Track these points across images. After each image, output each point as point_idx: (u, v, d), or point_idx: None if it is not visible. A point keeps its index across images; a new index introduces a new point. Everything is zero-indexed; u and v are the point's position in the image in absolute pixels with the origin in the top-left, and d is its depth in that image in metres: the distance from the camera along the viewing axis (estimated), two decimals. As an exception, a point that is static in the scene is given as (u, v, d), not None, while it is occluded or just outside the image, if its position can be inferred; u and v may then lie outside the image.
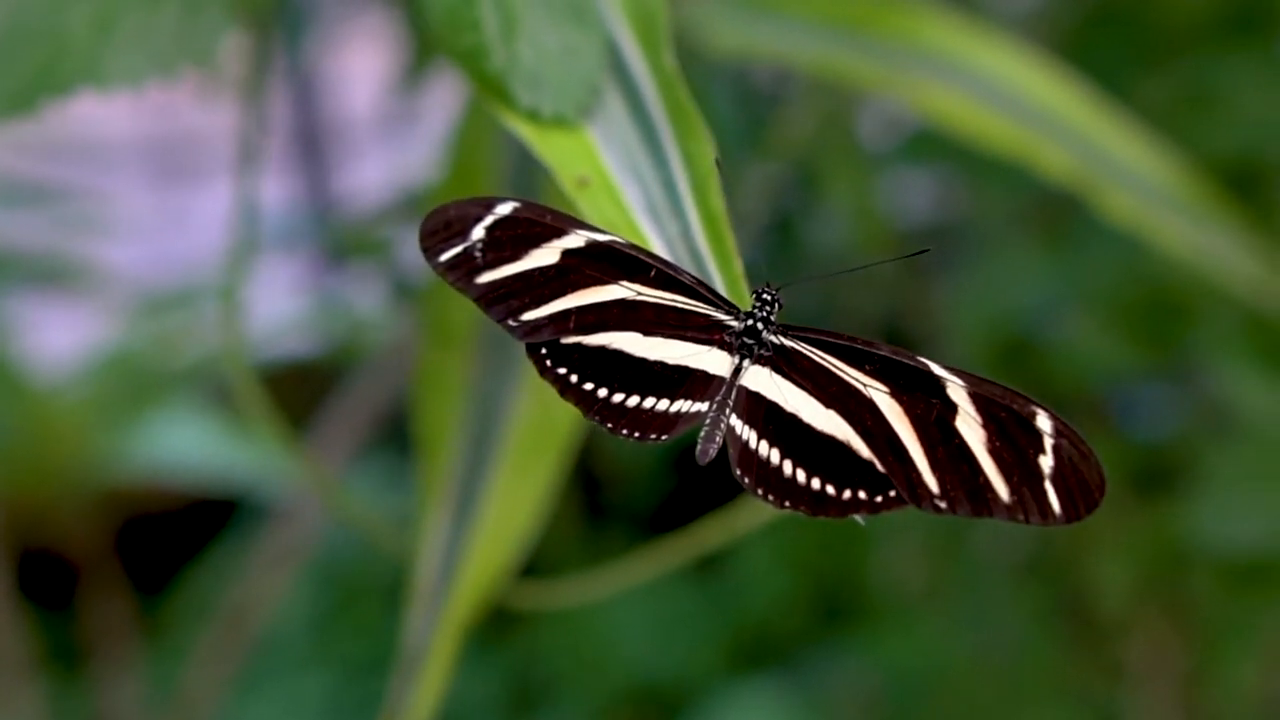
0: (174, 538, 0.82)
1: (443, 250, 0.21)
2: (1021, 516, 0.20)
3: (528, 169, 0.31)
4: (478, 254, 0.21)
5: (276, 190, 0.88)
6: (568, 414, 0.30)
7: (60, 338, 0.73)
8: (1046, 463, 0.20)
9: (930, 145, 0.50)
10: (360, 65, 0.79)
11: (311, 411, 0.66)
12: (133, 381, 0.68)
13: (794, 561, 0.81)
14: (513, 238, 0.21)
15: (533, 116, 0.23)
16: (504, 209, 0.21)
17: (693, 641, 0.81)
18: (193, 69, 0.25)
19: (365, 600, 0.84)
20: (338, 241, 0.70)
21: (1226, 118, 0.45)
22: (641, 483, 0.86)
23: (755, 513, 0.36)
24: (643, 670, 0.80)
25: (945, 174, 0.62)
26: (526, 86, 0.23)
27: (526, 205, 0.21)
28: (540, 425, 0.30)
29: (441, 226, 0.21)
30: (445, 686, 0.28)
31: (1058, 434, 0.20)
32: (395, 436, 0.70)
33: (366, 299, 0.76)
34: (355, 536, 0.79)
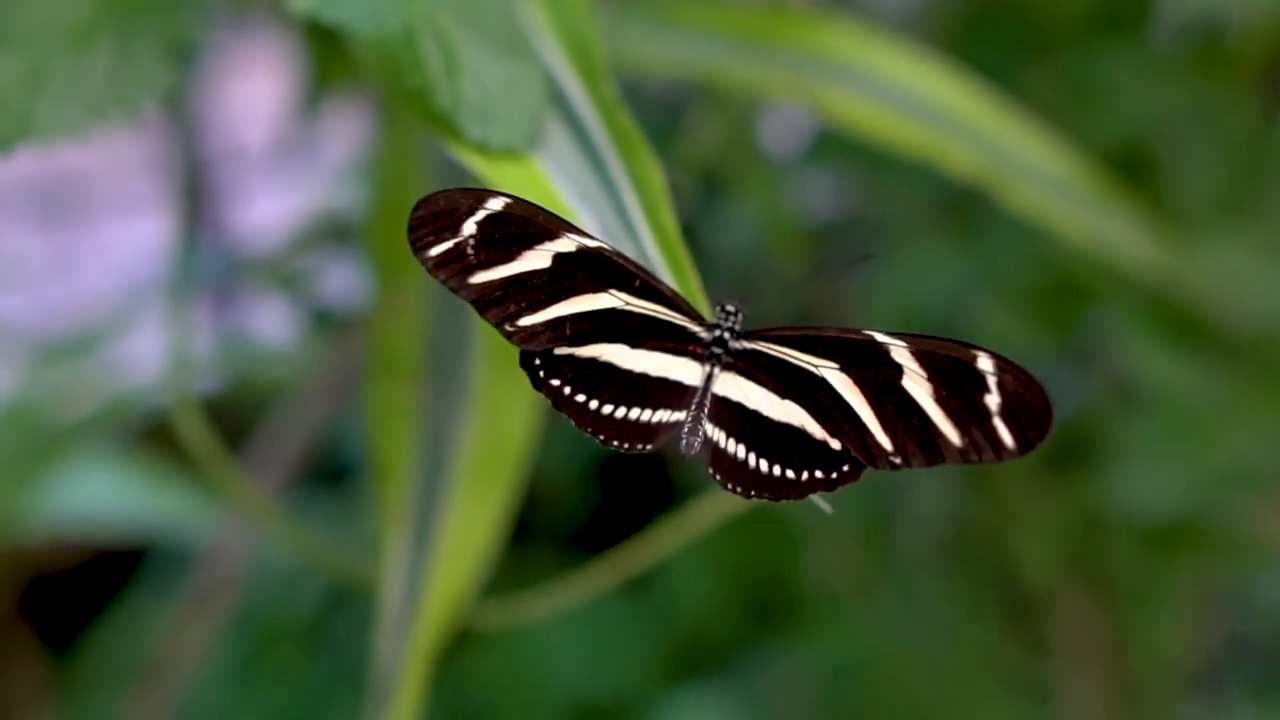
0: (82, 593, 0.81)
1: (433, 244, 0.22)
2: (975, 456, 0.22)
3: (459, 184, 0.32)
4: (470, 251, 0.22)
5: (160, 225, 0.87)
6: (519, 433, 0.32)
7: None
8: (993, 400, 0.22)
9: (835, 148, 0.52)
10: (246, 95, 0.79)
11: (223, 447, 0.66)
12: (31, 436, 0.67)
13: (722, 567, 0.83)
14: (506, 236, 0.22)
15: (482, 149, 0.24)
16: (496, 204, 0.22)
17: (629, 655, 0.82)
18: (129, 114, 0.26)
19: (284, 644, 0.83)
20: (241, 275, 0.70)
21: (1111, 108, 0.48)
22: (568, 498, 0.87)
23: (687, 523, 0.38)
24: (581, 688, 0.81)
25: (844, 172, 0.65)
26: (474, 121, 0.24)
27: (518, 202, 0.22)
28: (492, 447, 0.32)
29: (431, 218, 0.22)
30: (418, 710, 0.30)
31: (1000, 370, 0.22)
32: (317, 469, 0.71)
33: (270, 333, 0.76)
34: (274, 577, 0.79)
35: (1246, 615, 0.77)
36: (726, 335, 0.23)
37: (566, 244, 0.22)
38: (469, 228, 0.22)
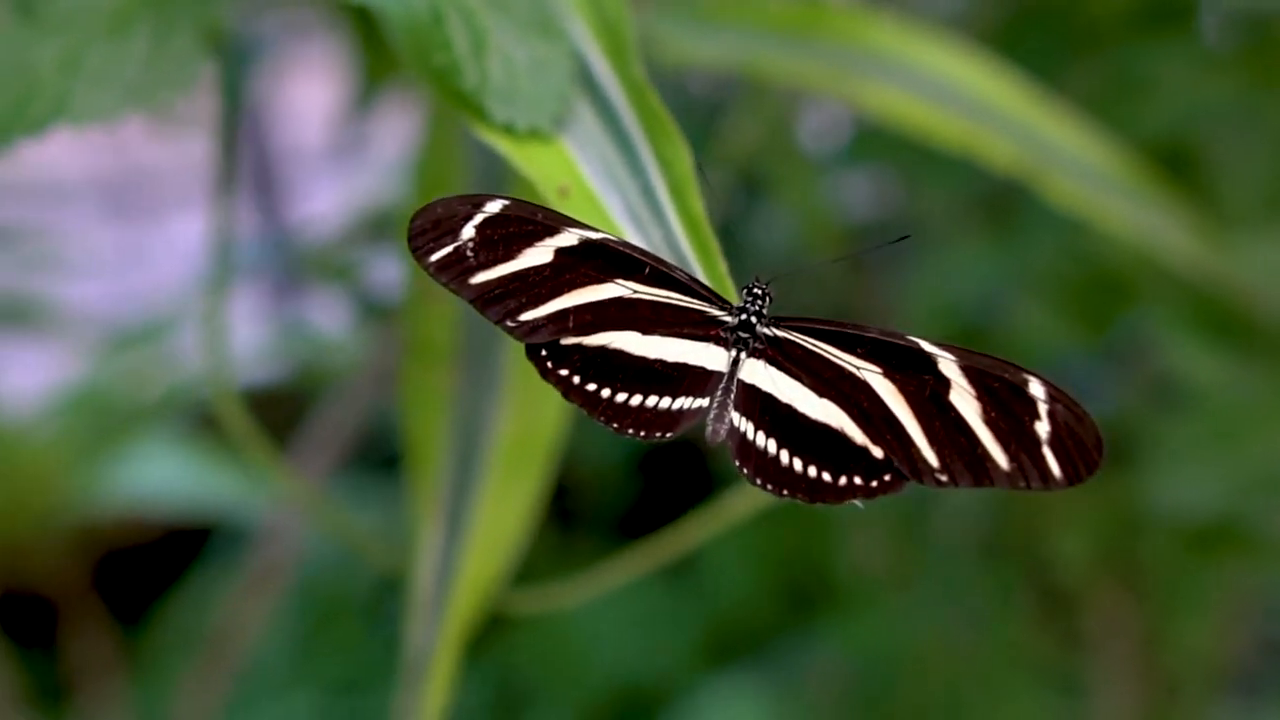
0: (151, 569, 0.81)
1: (433, 250, 0.21)
2: (1023, 483, 0.20)
3: (495, 186, 0.31)
4: (470, 254, 0.21)
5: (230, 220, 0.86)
6: (551, 422, 0.30)
7: (26, 378, 0.72)
8: (1043, 428, 0.20)
9: (875, 144, 0.50)
10: (306, 96, 0.79)
11: (280, 436, 0.65)
12: (103, 417, 0.67)
13: (761, 555, 0.81)
14: (505, 236, 0.21)
15: (508, 130, 0.23)
16: (493, 207, 0.21)
17: (668, 640, 0.81)
18: (165, 101, 0.25)
19: (345, 619, 0.83)
20: (300, 267, 0.69)
21: (1154, 102, 0.46)
22: (609, 487, 0.86)
23: (725, 512, 0.36)
24: (621, 671, 0.80)
25: (883, 170, 0.63)
26: (500, 101, 0.23)
27: (516, 203, 0.21)
28: (524, 435, 0.30)
29: (430, 225, 0.21)
30: (450, 695, 0.28)
31: (1051, 399, 0.20)
32: (368, 455, 0.70)
33: (329, 322, 0.75)
34: (332, 556, 0.78)
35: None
36: (753, 319, 0.21)
37: (568, 238, 0.21)
38: (468, 232, 0.21)
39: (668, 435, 0.21)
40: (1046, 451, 0.20)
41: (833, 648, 0.77)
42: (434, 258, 0.21)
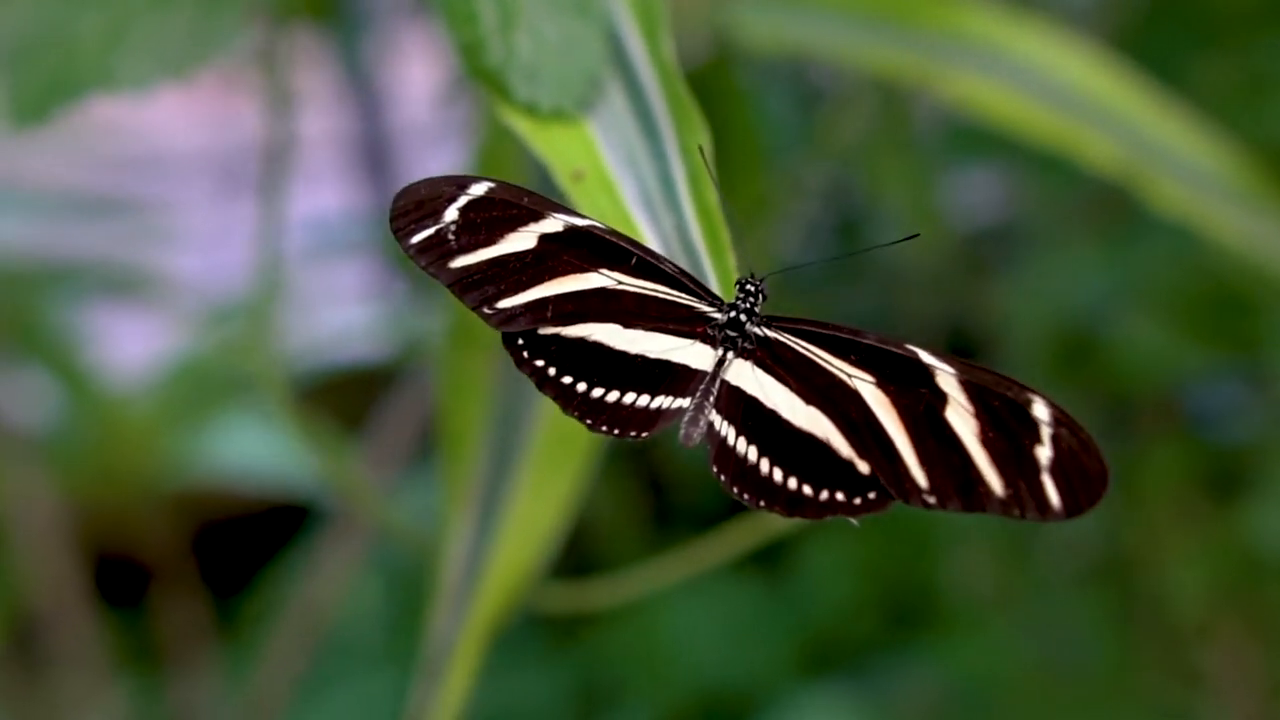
0: (251, 542, 0.83)
1: (414, 232, 0.20)
2: (1017, 511, 0.19)
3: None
4: (451, 237, 0.20)
5: (340, 197, 0.89)
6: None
7: (132, 346, 0.74)
8: (1044, 453, 0.19)
9: (974, 140, 0.48)
10: (420, 73, 0.80)
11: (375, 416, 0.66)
12: (203, 389, 0.69)
13: (862, 566, 0.80)
14: (488, 220, 0.20)
15: (530, 110, 0.22)
16: (478, 189, 0.20)
17: (761, 646, 0.80)
18: (201, 72, 0.25)
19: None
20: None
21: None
22: (708, 485, 0.85)
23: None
24: (710, 673, 0.79)
25: (996, 171, 0.60)
26: (524, 80, 0.22)
27: (502, 186, 0.20)
28: (565, 428, 0.30)
29: (413, 206, 0.20)
30: (469, 691, 0.28)
31: (1056, 422, 0.19)
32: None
33: (429, 304, 0.76)
34: (421, 536, 0.79)
35: None
36: (743, 317, 0.20)
37: (553, 224, 0.20)
38: (450, 214, 0.20)
39: (643, 435, 0.20)
40: (1046, 479, 0.19)
41: (930, 667, 0.75)
42: (415, 239, 0.20)
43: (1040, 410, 0.19)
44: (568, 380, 0.20)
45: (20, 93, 0.24)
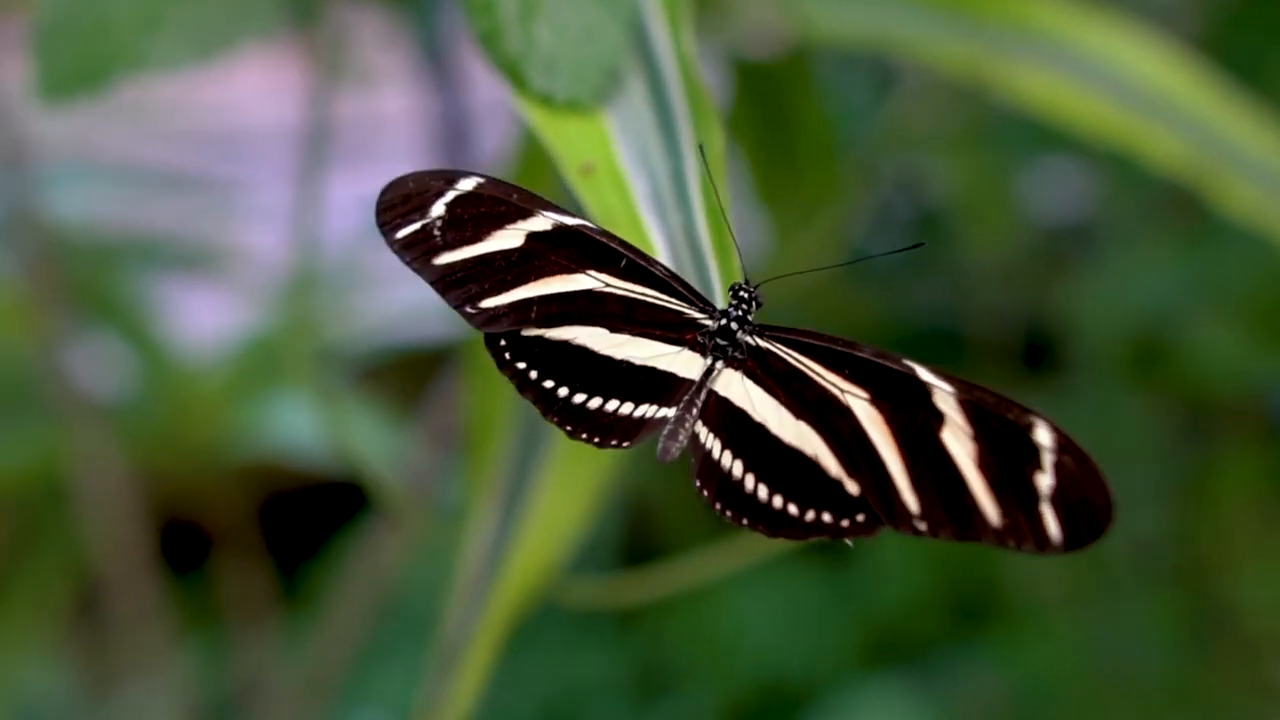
0: (315, 514, 0.85)
1: (400, 226, 0.20)
2: (1013, 542, 0.18)
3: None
4: (437, 233, 0.20)
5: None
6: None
7: (206, 320, 0.76)
8: (1044, 481, 0.18)
9: (1042, 135, 0.47)
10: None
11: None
12: (271, 363, 0.70)
13: (930, 560, 0.78)
14: (475, 217, 0.20)
15: (546, 101, 0.21)
16: (466, 184, 0.20)
17: (822, 636, 0.80)
18: (231, 54, 0.25)
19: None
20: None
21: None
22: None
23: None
24: (770, 662, 0.79)
25: (1074, 168, 0.58)
26: (541, 70, 0.21)
27: (492, 182, 0.20)
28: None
29: (399, 200, 0.20)
30: (483, 684, 0.28)
31: (1059, 449, 0.18)
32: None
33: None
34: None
35: None
36: (734, 325, 0.19)
37: (541, 222, 0.20)
38: (437, 209, 0.20)
39: (625, 445, 0.20)
40: (1045, 509, 0.18)
41: (994, 666, 0.74)
42: (399, 235, 0.20)
43: (1043, 435, 0.18)
44: (549, 384, 0.20)
45: (50, 72, 0.24)
